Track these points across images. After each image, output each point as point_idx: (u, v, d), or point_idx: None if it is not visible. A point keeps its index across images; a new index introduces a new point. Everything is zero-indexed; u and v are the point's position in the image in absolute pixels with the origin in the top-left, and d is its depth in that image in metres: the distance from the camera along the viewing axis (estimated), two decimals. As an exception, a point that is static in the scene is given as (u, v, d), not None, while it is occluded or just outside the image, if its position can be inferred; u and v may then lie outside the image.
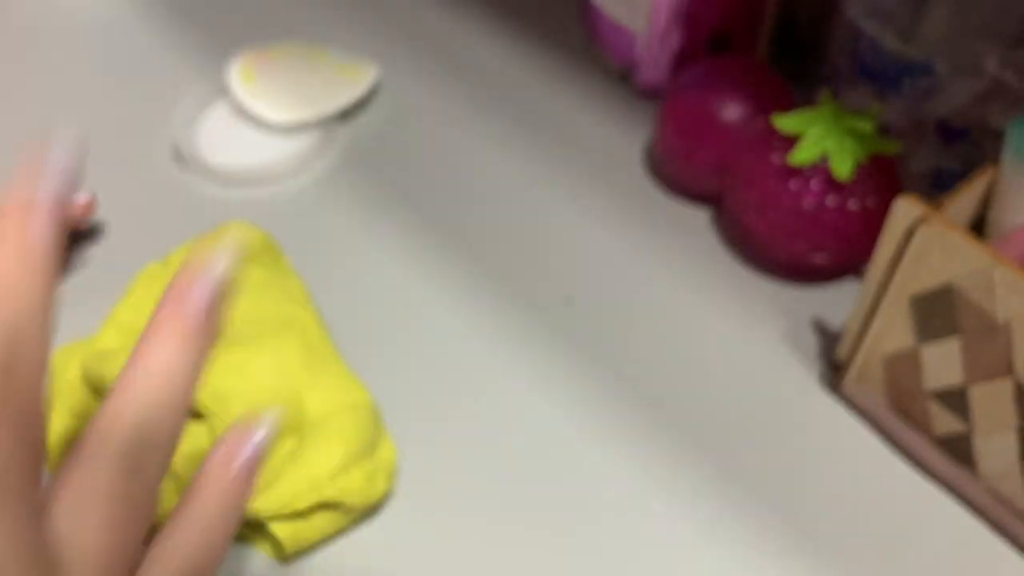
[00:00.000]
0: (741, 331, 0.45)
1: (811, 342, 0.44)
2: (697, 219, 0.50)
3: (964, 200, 0.37)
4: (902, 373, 0.39)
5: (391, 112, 0.55)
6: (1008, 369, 0.34)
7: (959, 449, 0.39)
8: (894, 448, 0.41)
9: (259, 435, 0.27)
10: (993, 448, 0.37)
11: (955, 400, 0.37)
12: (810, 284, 0.47)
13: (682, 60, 0.53)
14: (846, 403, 0.42)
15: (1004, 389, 0.35)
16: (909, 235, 0.35)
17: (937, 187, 0.48)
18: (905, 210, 0.35)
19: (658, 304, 0.46)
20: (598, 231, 0.49)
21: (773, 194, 0.43)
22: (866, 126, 0.42)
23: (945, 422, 0.38)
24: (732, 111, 0.46)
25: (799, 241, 0.44)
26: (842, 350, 0.41)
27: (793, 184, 0.43)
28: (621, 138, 0.54)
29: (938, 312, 0.36)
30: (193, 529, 0.25)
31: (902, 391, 0.40)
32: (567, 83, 0.57)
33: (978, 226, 0.38)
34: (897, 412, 0.41)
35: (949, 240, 0.34)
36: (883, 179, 0.43)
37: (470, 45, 0.59)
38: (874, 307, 0.38)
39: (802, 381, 0.43)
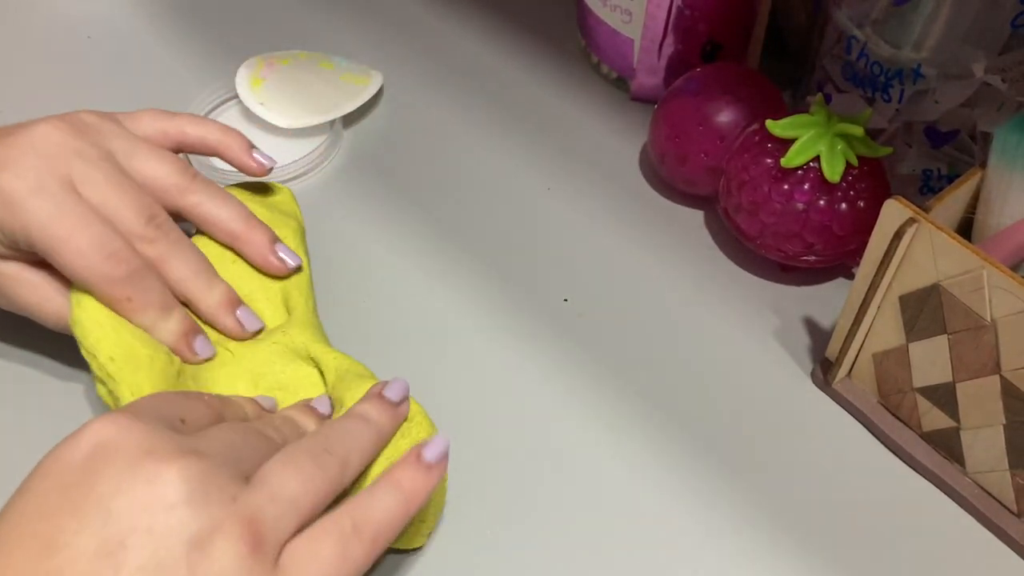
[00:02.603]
0: (733, 329, 0.46)
1: (802, 340, 0.45)
2: (691, 220, 0.51)
3: (952, 202, 0.37)
4: (891, 370, 0.40)
5: (395, 117, 0.56)
6: (995, 367, 0.35)
7: (947, 444, 0.39)
8: (883, 443, 0.41)
9: (438, 444, 0.34)
10: (980, 443, 0.38)
11: (943, 397, 0.38)
12: (801, 283, 0.47)
13: (676, 67, 0.53)
14: (836, 399, 0.43)
15: (991, 386, 0.36)
16: (898, 236, 0.36)
17: (925, 189, 0.48)
18: (894, 212, 0.36)
19: (653, 302, 0.47)
20: (595, 232, 0.50)
21: (765, 196, 0.44)
22: (856, 130, 0.42)
23: (933, 418, 0.39)
24: (725, 116, 0.47)
25: (790, 241, 0.44)
26: (832, 348, 0.42)
27: (785, 186, 0.43)
28: (617, 142, 0.54)
29: (926, 311, 0.37)
30: (387, 492, 0.33)
31: (891, 388, 0.40)
32: (565, 89, 0.58)
33: (965, 227, 0.38)
34: (886, 408, 0.41)
35: (937, 241, 0.35)
36: (872, 182, 0.43)
37: (471, 52, 0.60)
38: (864, 306, 0.39)
39: (793, 378, 0.44)
